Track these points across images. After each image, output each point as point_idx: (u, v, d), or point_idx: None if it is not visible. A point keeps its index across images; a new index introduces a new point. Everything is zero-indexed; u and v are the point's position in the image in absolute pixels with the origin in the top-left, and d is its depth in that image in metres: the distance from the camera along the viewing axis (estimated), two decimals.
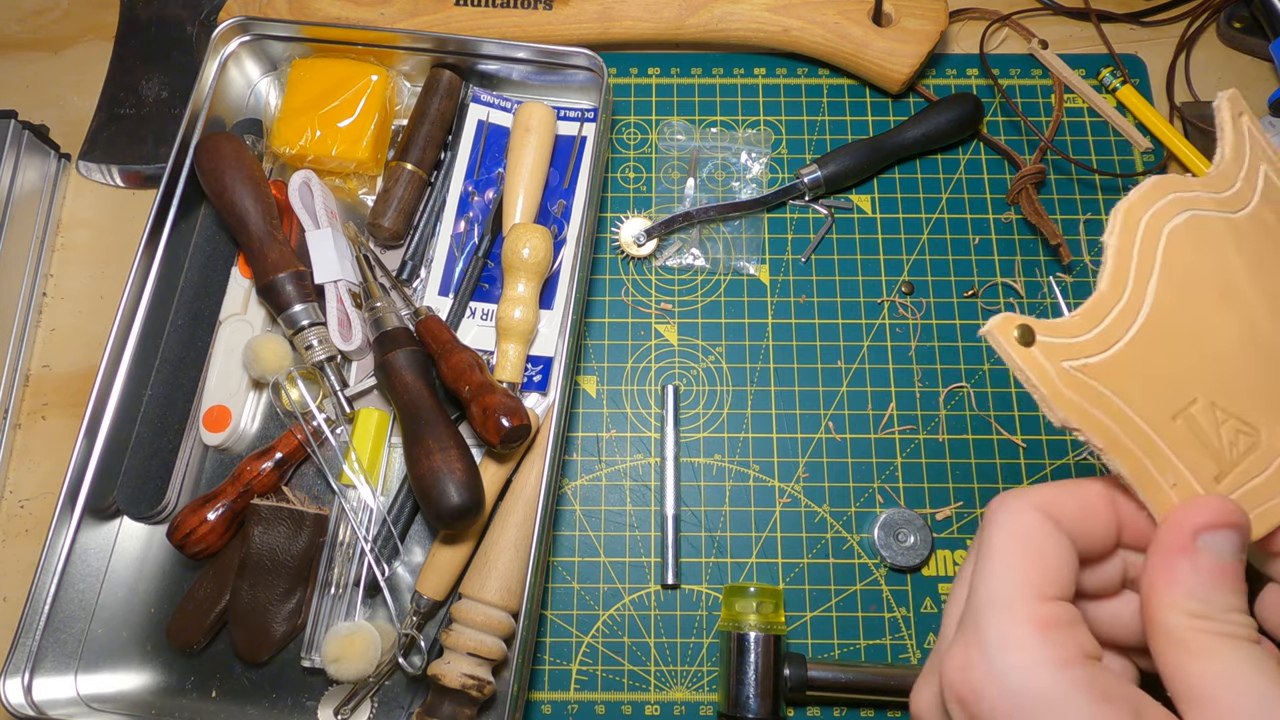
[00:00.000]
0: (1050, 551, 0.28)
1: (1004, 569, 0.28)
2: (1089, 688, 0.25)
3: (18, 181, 0.63)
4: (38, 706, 0.50)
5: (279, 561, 0.53)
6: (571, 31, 0.66)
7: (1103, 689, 0.25)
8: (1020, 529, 0.28)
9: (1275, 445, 0.30)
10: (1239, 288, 0.31)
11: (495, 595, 0.52)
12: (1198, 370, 0.30)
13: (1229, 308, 0.30)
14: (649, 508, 0.58)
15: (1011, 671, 0.26)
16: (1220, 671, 0.26)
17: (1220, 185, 0.32)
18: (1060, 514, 0.29)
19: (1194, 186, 0.31)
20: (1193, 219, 0.30)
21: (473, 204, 0.63)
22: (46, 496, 0.61)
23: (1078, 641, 0.26)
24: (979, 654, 0.27)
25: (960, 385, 0.60)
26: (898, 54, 0.64)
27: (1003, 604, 0.27)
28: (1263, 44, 0.67)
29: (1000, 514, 0.29)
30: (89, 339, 0.64)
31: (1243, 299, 0.31)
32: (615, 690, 0.55)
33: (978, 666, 0.27)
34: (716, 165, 0.66)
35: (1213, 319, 0.30)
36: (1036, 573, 0.27)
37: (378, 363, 0.55)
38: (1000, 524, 0.29)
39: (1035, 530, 0.28)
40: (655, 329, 0.62)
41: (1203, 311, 0.30)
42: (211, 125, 0.62)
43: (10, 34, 0.73)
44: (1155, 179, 0.31)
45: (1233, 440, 0.30)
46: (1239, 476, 0.30)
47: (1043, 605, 0.27)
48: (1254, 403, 0.30)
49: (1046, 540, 0.28)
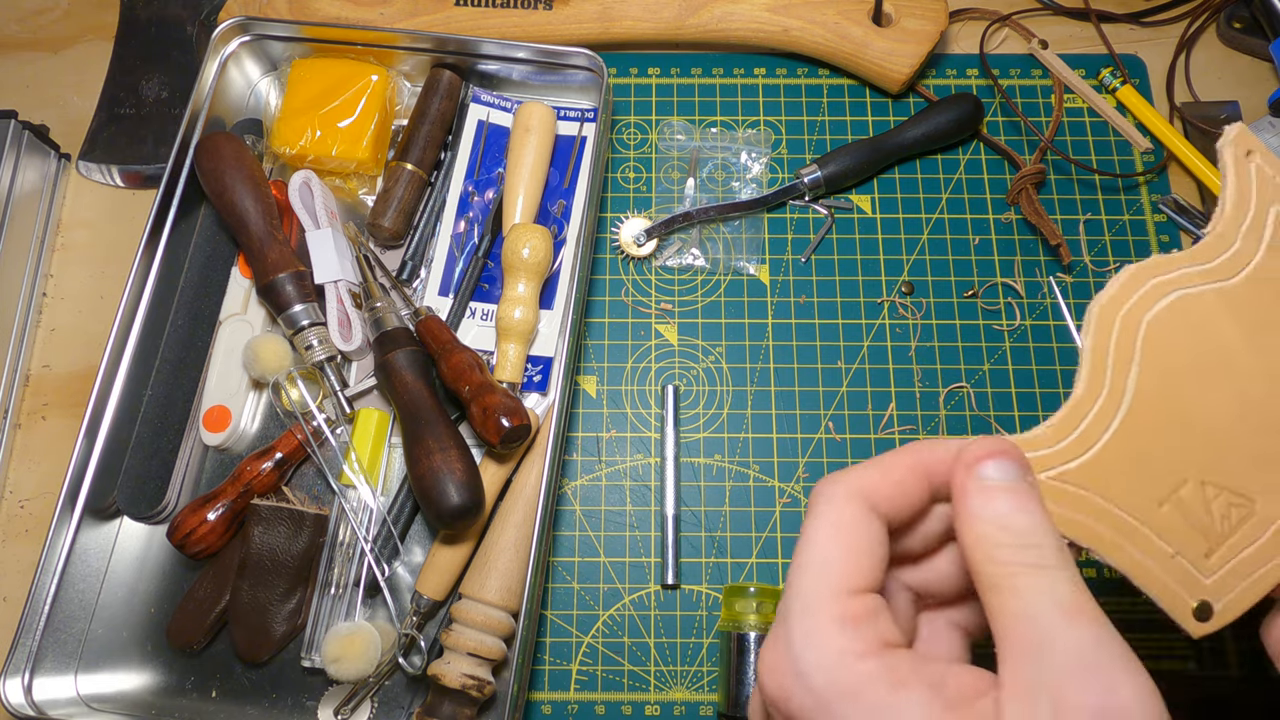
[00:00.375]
0: (861, 541, 0.29)
1: (814, 566, 0.29)
2: (886, 675, 0.26)
3: (18, 181, 0.63)
4: (38, 706, 0.50)
5: (279, 561, 0.53)
6: (571, 31, 0.66)
7: (900, 675, 0.26)
8: (835, 519, 0.29)
9: (1271, 511, 0.30)
10: (1233, 358, 0.30)
11: (495, 595, 0.52)
12: (1186, 451, 0.29)
13: (1221, 381, 0.30)
14: (649, 508, 0.58)
15: (813, 670, 0.27)
16: (1016, 607, 0.26)
17: (1213, 251, 0.31)
18: (876, 497, 0.30)
19: (1178, 264, 0.30)
20: (1177, 301, 0.30)
21: (473, 204, 0.63)
22: (46, 496, 0.61)
23: (878, 632, 0.27)
24: (785, 654, 0.28)
25: (960, 385, 0.60)
26: (898, 54, 0.64)
27: (808, 603, 0.28)
28: (1263, 44, 0.67)
29: (819, 503, 0.30)
30: (89, 339, 0.64)
31: (1237, 368, 0.30)
32: (615, 690, 0.55)
33: (784, 666, 0.28)
34: (716, 165, 0.66)
35: (1202, 397, 0.30)
36: (845, 567, 0.28)
37: (378, 363, 0.55)
38: (818, 514, 0.30)
39: (849, 521, 0.29)
40: (655, 329, 0.62)
41: (1189, 392, 0.30)
42: (211, 125, 0.62)
43: (10, 34, 0.73)
44: (1131, 269, 0.30)
45: (1224, 514, 0.29)
46: (1231, 549, 0.29)
47: (847, 601, 0.28)
48: (1249, 471, 0.30)
49: (858, 529, 0.29)
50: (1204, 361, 0.30)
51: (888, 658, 0.27)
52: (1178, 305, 0.30)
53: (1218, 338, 0.30)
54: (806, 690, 0.27)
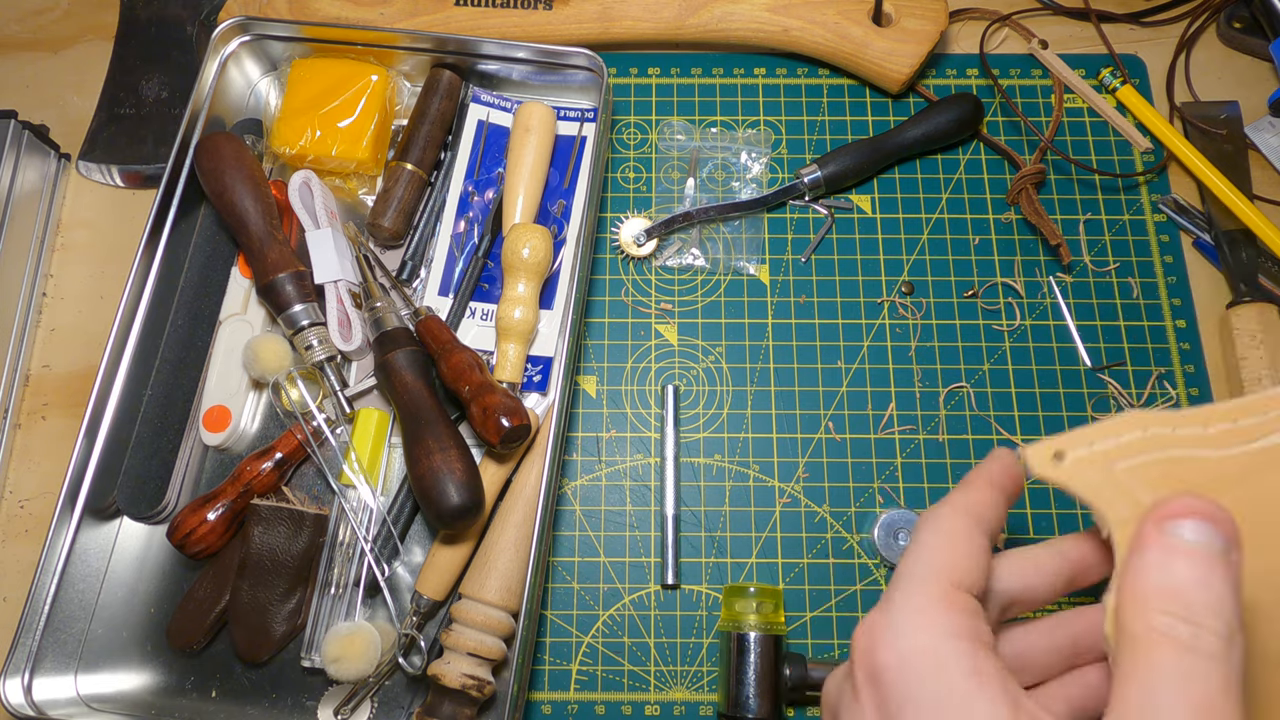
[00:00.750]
0: (967, 546, 0.31)
1: (924, 555, 0.31)
2: (970, 661, 0.27)
3: (18, 181, 0.63)
4: (38, 706, 0.50)
5: (279, 561, 0.53)
6: (571, 31, 0.66)
7: (983, 667, 0.27)
8: (943, 528, 0.31)
9: None
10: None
11: (495, 595, 0.52)
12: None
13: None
14: (649, 508, 0.58)
15: (906, 631, 0.28)
16: (1145, 678, 0.24)
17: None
18: (981, 514, 0.32)
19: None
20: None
21: (473, 204, 0.63)
22: (46, 496, 0.61)
23: (975, 627, 0.28)
24: (883, 616, 0.29)
25: (960, 385, 0.60)
26: (898, 54, 0.64)
27: (915, 579, 0.30)
28: (1263, 44, 0.67)
29: (930, 517, 0.32)
30: (89, 339, 0.64)
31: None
32: (615, 690, 0.55)
33: (880, 624, 0.29)
34: (716, 165, 0.66)
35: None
36: (951, 560, 0.30)
37: (378, 363, 0.55)
38: (928, 524, 0.32)
39: (959, 527, 0.31)
40: (655, 329, 0.62)
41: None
42: (211, 125, 0.62)
43: (10, 34, 0.73)
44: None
45: None
46: None
47: (951, 589, 0.29)
48: None
49: (965, 537, 0.31)
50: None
51: (977, 648, 0.28)
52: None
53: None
54: (893, 647, 0.28)
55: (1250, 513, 0.30)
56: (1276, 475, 0.31)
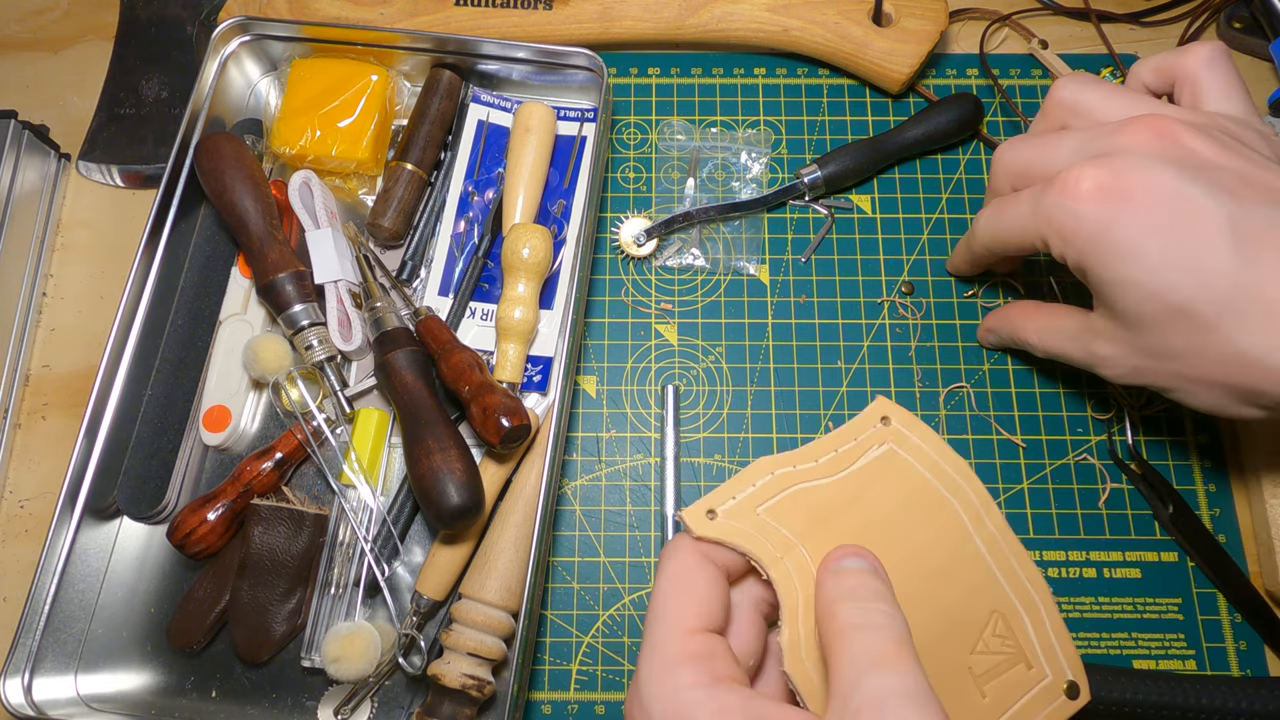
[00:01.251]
0: (701, 587, 0.34)
1: (658, 613, 0.34)
2: (713, 703, 0.30)
3: (18, 181, 0.63)
4: (38, 706, 0.50)
5: (279, 561, 0.53)
6: (571, 31, 0.66)
7: (726, 704, 0.30)
8: (677, 571, 0.35)
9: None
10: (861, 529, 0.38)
11: (495, 595, 0.52)
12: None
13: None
14: (649, 508, 0.58)
15: (653, 700, 0.32)
16: (840, 657, 0.31)
17: (815, 455, 0.39)
18: (710, 547, 0.36)
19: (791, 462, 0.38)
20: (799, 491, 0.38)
21: (473, 204, 0.63)
22: (46, 496, 0.61)
23: (711, 668, 0.32)
24: (635, 691, 0.33)
25: (960, 385, 0.60)
26: (898, 54, 0.64)
27: (654, 645, 0.33)
28: (1263, 44, 0.67)
29: (664, 559, 0.36)
30: (89, 339, 0.64)
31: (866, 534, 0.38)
32: (615, 690, 0.55)
33: (632, 701, 0.33)
34: (716, 165, 0.66)
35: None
36: (684, 612, 0.33)
37: (378, 363, 0.55)
38: (664, 570, 0.35)
39: (688, 569, 0.35)
40: (655, 329, 0.62)
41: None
42: (211, 125, 0.62)
43: (10, 34, 0.73)
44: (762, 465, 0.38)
45: None
46: None
47: (685, 640, 0.33)
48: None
49: (696, 576, 0.35)
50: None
51: (717, 689, 0.31)
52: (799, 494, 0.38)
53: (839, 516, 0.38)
54: (647, 716, 0.32)
55: (868, 521, 0.37)
56: (877, 488, 0.38)
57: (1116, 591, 0.56)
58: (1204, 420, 0.59)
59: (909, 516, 0.38)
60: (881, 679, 0.29)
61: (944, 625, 0.37)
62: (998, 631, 0.38)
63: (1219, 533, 0.56)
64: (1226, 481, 0.58)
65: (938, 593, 0.37)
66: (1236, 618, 0.55)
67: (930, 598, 0.37)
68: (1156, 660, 0.54)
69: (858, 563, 0.35)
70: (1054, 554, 0.57)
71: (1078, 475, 0.58)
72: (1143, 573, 0.56)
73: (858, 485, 0.38)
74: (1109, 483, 0.58)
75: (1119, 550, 0.56)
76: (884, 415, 0.39)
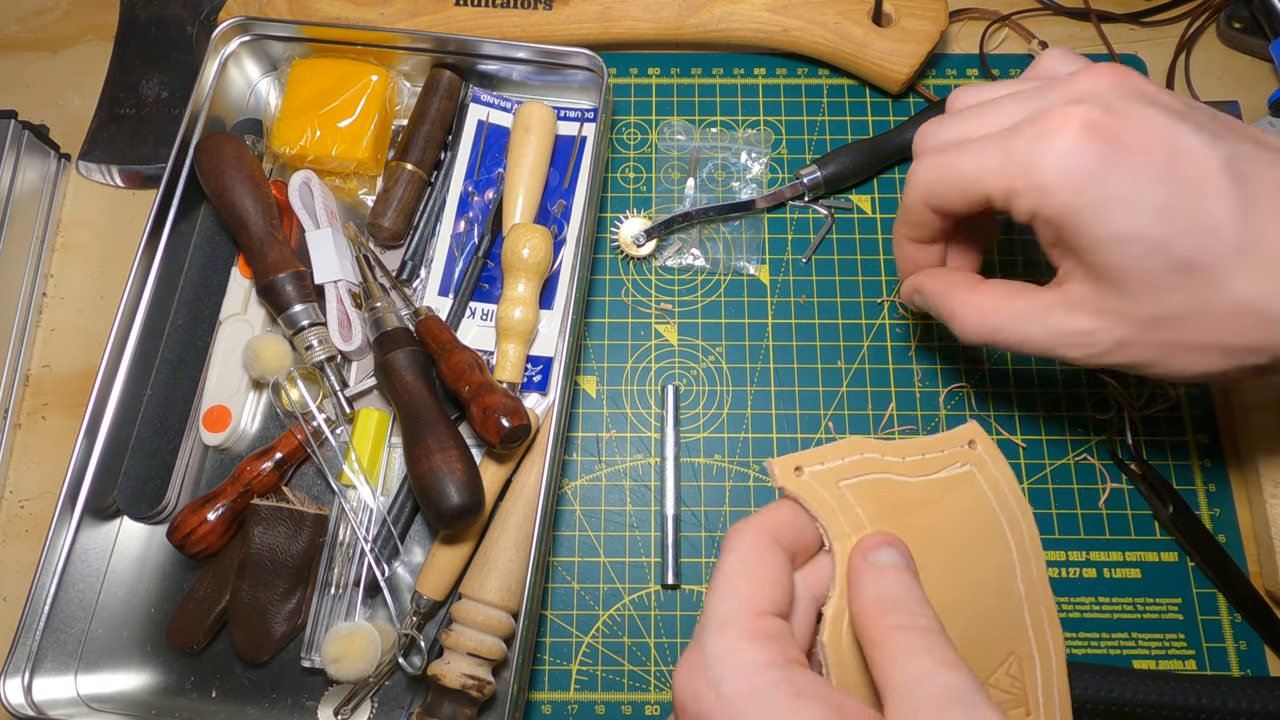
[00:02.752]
0: (769, 570, 0.33)
1: (729, 589, 0.33)
2: (789, 684, 0.29)
3: (18, 181, 0.63)
4: (38, 706, 0.50)
5: (279, 561, 0.53)
6: (571, 31, 0.66)
7: (801, 686, 0.30)
8: (750, 551, 0.34)
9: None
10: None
11: (495, 595, 0.52)
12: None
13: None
14: (649, 508, 0.58)
15: (724, 676, 0.30)
16: (896, 658, 0.31)
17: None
18: (780, 532, 0.35)
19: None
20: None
21: (473, 204, 0.63)
22: (46, 496, 0.61)
23: (783, 650, 0.31)
24: (700, 664, 0.31)
25: (960, 385, 0.60)
26: (898, 54, 0.64)
27: (723, 622, 0.32)
28: (1263, 44, 0.67)
29: (731, 539, 0.35)
30: (89, 339, 0.64)
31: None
32: (615, 690, 0.55)
33: (698, 675, 0.31)
34: (716, 165, 0.66)
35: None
36: (755, 591, 0.33)
37: (378, 363, 0.55)
38: (730, 548, 0.34)
39: (758, 551, 0.34)
40: (655, 329, 0.62)
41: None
42: (211, 125, 0.62)
43: (10, 34, 0.73)
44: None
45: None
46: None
47: (755, 620, 0.32)
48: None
49: (766, 559, 0.34)
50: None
51: (791, 670, 0.30)
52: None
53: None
54: (718, 696, 0.30)
55: (930, 529, 0.37)
56: (948, 502, 0.38)
57: (1116, 591, 0.56)
58: (1204, 420, 0.59)
59: (968, 538, 0.38)
60: (950, 676, 0.29)
61: (964, 649, 0.37)
62: (1010, 672, 0.38)
63: (1219, 533, 0.56)
64: (1226, 481, 0.58)
65: (971, 619, 0.37)
66: (1236, 618, 0.55)
67: (961, 619, 0.37)
68: (1156, 660, 0.54)
69: (895, 557, 0.34)
70: (1054, 554, 0.56)
71: (1078, 475, 0.58)
72: (1143, 573, 0.56)
73: (933, 493, 0.38)
74: (1109, 483, 0.58)
75: (1119, 550, 0.56)
76: (971, 439, 0.39)
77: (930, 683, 0.29)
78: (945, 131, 0.43)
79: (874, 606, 0.32)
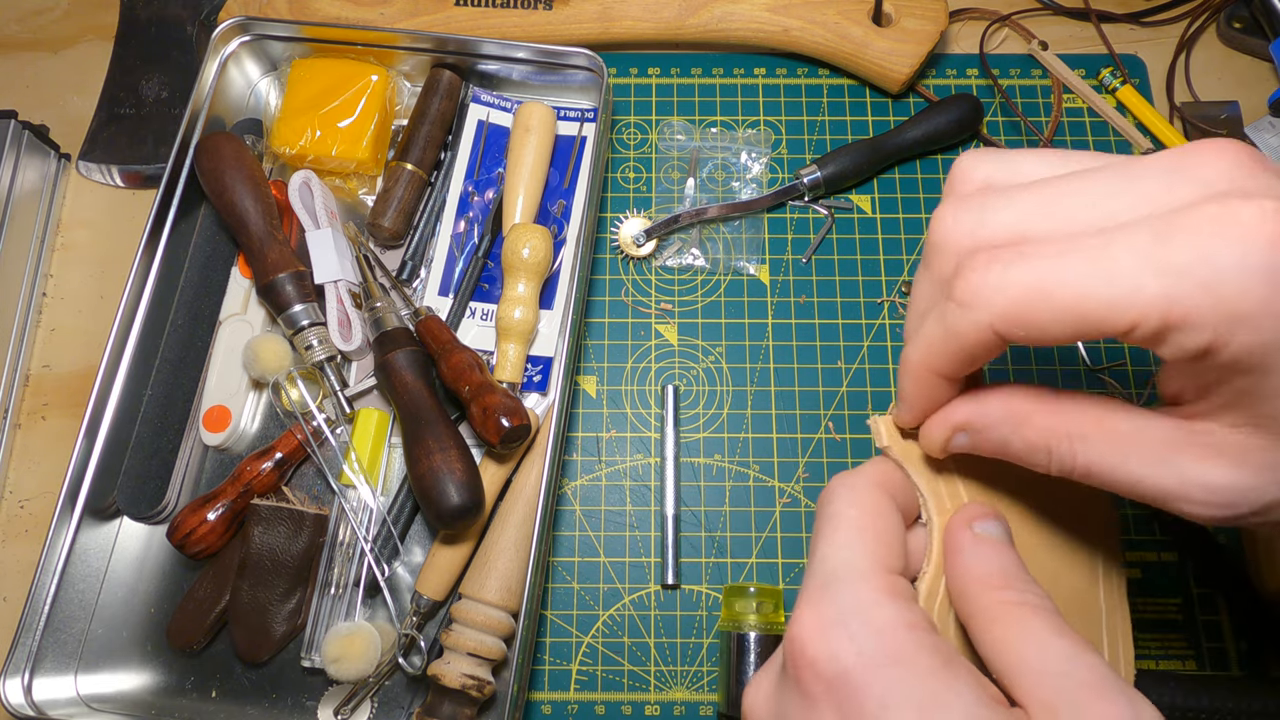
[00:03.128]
0: (891, 525, 0.31)
1: (855, 539, 0.30)
2: (937, 650, 0.27)
3: (18, 181, 0.63)
4: (38, 706, 0.50)
5: (279, 561, 0.53)
6: (571, 31, 0.66)
7: (949, 655, 0.27)
8: (873, 505, 0.31)
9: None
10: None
11: (495, 595, 0.52)
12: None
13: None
14: (649, 508, 0.58)
15: (864, 631, 0.27)
16: (1025, 637, 0.28)
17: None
18: (894, 489, 0.32)
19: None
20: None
21: (473, 204, 0.63)
22: (46, 496, 0.61)
23: (921, 613, 0.28)
24: (834, 618, 0.28)
25: None
26: (898, 54, 0.64)
27: (858, 572, 0.29)
28: (1263, 44, 0.67)
29: (844, 490, 0.32)
30: (89, 339, 0.64)
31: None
32: (615, 690, 0.55)
33: (831, 630, 0.28)
34: (716, 165, 0.66)
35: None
36: (883, 546, 0.30)
37: (378, 363, 0.55)
38: (847, 498, 0.31)
39: (878, 505, 0.31)
40: (655, 329, 0.62)
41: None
42: (211, 125, 0.62)
43: (10, 34, 0.73)
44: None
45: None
46: None
47: (888, 576, 0.29)
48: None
49: (885, 515, 0.31)
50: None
51: (935, 636, 0.27)
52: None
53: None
54: (857, 653, 0.27)
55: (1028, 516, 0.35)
56: (1051, 494, 0.35)
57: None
58: None
59: (1061, 535, 0.36)
60: (1092, 658, 0.27)
61: None
62: None
63: (1219, 533, 0.56)
64: None
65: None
66: (1236, 618, 0.55)
67: None
68: (1156, 660, 0.54)
69: (999, 530, 0.31)
70: None
71: None
72: (1143, 573, 0.56)
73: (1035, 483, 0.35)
74: None
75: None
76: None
77: (1077, 663, 0.26)
78: (997, 218, 0.28)
79: (983, 579, 0.29)
